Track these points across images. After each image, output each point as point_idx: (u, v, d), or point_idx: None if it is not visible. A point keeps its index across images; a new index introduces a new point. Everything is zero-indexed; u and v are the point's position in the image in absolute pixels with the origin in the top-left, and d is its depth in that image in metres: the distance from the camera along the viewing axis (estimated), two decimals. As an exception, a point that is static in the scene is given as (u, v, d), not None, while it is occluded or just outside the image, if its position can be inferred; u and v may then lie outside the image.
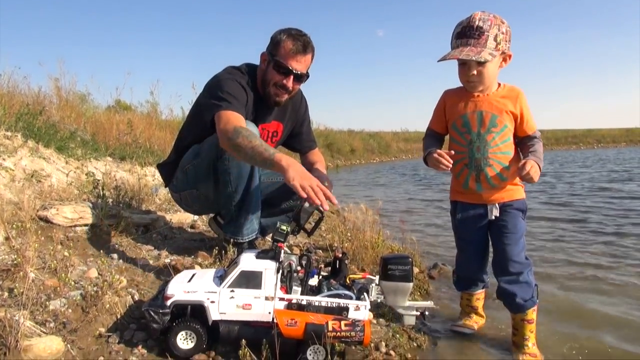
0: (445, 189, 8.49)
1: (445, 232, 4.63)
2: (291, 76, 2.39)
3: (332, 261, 1.93)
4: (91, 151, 5.26)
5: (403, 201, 7.34)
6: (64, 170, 4.07)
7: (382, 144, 24.84)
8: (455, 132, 2.10)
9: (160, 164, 2.78)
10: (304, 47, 2.37)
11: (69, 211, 2.61)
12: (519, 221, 2.07)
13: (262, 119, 2.55)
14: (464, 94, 2.09)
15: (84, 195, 3.39)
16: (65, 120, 6.41)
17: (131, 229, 2.81)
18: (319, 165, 2.55)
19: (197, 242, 3.00)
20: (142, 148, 6.19)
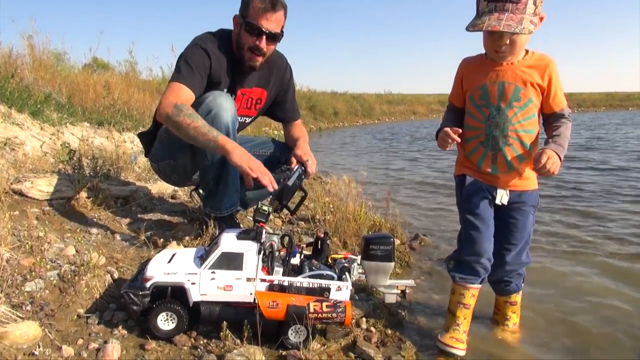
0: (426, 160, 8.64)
1: (428, 202, 4.66)
2: (263, 36, 2.30)
3: (314, 241, 1.91)
4: (67, 115, 5.10)
5: (384, 169, 7.35)
6: (39, 137, 3.94)
7: (365, 106, 24.69)
8: (472, 105, 1.86)
9: (140, 133, 2.71)
10: (272, 4, 2.28)
11: (44, 184, 2.54)
12: (529, 219, 1.89)
13: (241, 83, 2.48)
14: (484, 62, 1.84)
15: (60, 165, 3.30)
16: (40, 82, 6.16)
17: (110, 201, 2.75)
18: (303, 141, 2.50)
19: (177, 213, 2.96)
20: (120, 112, 6.03)
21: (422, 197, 4.94)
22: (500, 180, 1.84)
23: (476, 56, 1.90)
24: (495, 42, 1.72)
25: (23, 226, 2.12)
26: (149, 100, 8.22)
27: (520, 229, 1.89)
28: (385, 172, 6.88)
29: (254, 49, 2.33)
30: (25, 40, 7.21)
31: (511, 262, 1.94)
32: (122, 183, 3.14)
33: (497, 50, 1.75)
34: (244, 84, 2.48)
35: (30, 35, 7.35)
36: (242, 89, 2.48)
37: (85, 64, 13.15)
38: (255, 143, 2.71)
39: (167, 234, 2.47)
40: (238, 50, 2.38)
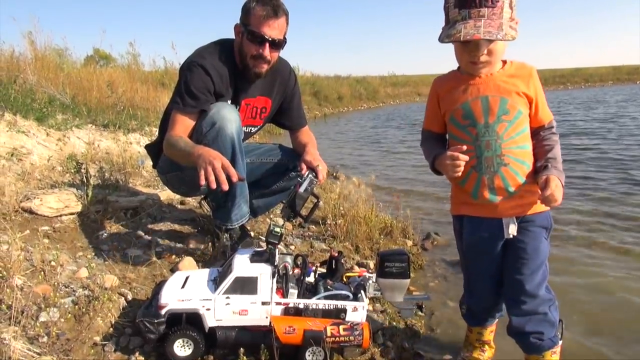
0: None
1: (438, 196, 4.62)
2: (266, 44, 2.25)
3: (328, 260, 1.89)
4: (72, 117, 5.08)
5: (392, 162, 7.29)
6: (45, 144, 3.93)
7: (369, 89, 24.49)
8: (455, 127, 1.68)
9: (148, 144, 2.68)
10: (274, 10, 2.23)
11: (53, 200, 2.52)
12: (542, 242, 1.63)
13: (245, 93, 2.43)
14: (460, 78, 1.68)
15: (67, 174, 3.29)
16: (43, 82, 6.13)
17: (119, 213, 2.73)
18: (311, 147, 2.45)
19: (188, 222, 2.94)
20: (125, 111, 5.99)
21: (430, 190, 4.90)
22: (502, 208, 1.62)
23: (448, 74, 1.76)
24: (471, 52, 1.57)
25: (35, 247, 2.11)
26: (153, 94, 8.19)
27: (531, 254, 1.63)
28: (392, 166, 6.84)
29: (258, 57, 2.27)
30: (26, 38, 7.18)
31: (527, 299, 1.64)
32: (130, 192, 3.12)
33: (475, 62, 1.59)
34: (247, 94, 2.43)
35: (30, 32, 7.32)
36: (246, 98, 2.44)
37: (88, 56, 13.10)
38: (262, 150, 2.67)
39: (178, 248, 2.46)
40: (241, 60, 2.33)
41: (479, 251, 1.70)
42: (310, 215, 2.11)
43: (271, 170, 2.64)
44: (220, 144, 2.17)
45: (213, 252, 2.37)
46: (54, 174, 3.24)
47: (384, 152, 7.81)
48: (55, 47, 8.64)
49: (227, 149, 2.20)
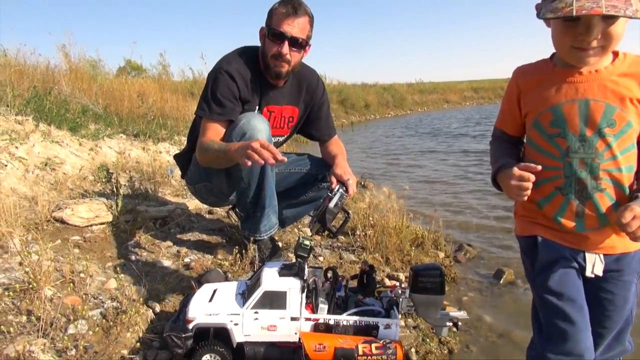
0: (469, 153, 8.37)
1: (471, 206, 4.51)
2: (285, 42, 2.22)
3: (359, 274, 1.82)
4: (104, 126, 5.17)
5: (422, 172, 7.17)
6: (77, 154, 3.99)
7: (396, 97, 24.27)
8: (538, 135, 1.33)
9: (176, 154, 2.69)
10: (294, 8, 2.21)
11: (84, 210, 2.54)
12: (631, 291, 1.33)
13: (269, 100, 2.40)
14: (552, 69, 1.32)
15: (99, 184, 3.32)
16: (77, 93, 6.28)
17: (148, 223, 2.73)
18: (341, 159, 2.39)
19: (215, 232, 2.92)
20: (155, 121, 6.07)
21: (462, 199, 4.78)
22: (590, 241, 1.30)
23: (537, 63, 1.38)
24: (579, 35, 1.20)
25: (65, 257, 2.11)
26: (182, 104, 8.30)
27: (619, 307, 1.34)
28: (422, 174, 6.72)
29: (277, 56, 2.24)
30: (61, 50, 7.40)
31: (605, 352, 1.40)
32: (159, 202, 3.13)
33: (584, 48, 1.21)
34: (272, 101, 2.40)
35: (63, 45, 7.54)
36: (270, 106, 2.40)
37: (120, 67, 13.44)
38: (291, 160, 2.63)
39: (206, 259, 2.43)
40: (263, 61, 2.31)
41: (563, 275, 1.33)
42: (340, 231, 2.08)
43: (300, 180, 2.60)
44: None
45: (241, 263, 2.34)
46: (85, 184, 3.28)
47: (413, 161, 7.69)
48: (88, 59, 8.90)
49: None
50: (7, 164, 3.11)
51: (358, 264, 2.66)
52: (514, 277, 2.80)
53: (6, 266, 1.95)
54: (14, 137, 3.50)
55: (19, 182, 3.04)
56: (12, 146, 3.38)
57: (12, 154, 3.28)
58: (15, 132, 3.61)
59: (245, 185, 2.25)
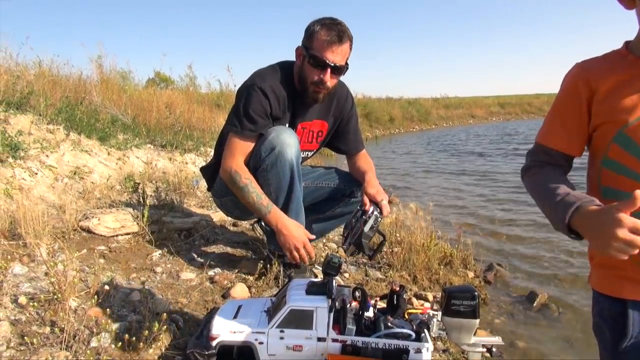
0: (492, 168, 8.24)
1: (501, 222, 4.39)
2: (328, 69, 2.18)
3: (389, 295, 1.75)
4: (132, 137, 5.23)
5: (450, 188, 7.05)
6: (106, 163, 4.03)
7: (421, 111, 24.18)
8: (626, 153, 1.03)
9: (203, 167, 2.67)
10: (339, 36, 2.15)
11: (111, 220, 2.54)
12: None
13: (302, 116, 2.38)
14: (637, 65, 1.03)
15: (125, 193, 3.34)
16: (107, 103, 6.40)
17: (173, 234, 2.72)
18: (372, 176, 2.34)
19: (240, 245, 2.89)
20: (182, 131, 6.13)
21: (491, 217, 4.66)
22: None
23: (608, 56, 1.09)
24: None
25: (91, 268, 2.11)
26: (209, 115, 8.39)
27: None
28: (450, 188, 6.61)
29: (318, 83, 2.21)
30: (94, 62, 7.59)
31: None
32: (185, 214, 3.12)
33: None
34: (304, 118, 2.37)
35: (99, 56, 7.73)
36: (303, 122, 2.38)
37: (149, 78, 13.73)
38: (318, 174, 2.59)
39: (230, 273, 2.40)
40: (300, 84, 2.27)
41: None
42: (376, 253, 2.05)
43: (327, 194, 2.55)
44: (279, 169, 2.13)
45: (265, 278, 2.29)
46: (112, 193, 3.30)
47: (440, 177, 7.58)
48: (119, 70, 9.10)
49: (286, 174, 2.15)
50: (37, 172, 3.16)
51: (384, 282, 2.59)
52: (548, 301, 2.70)
53: (32, 275, 1.94)
54: (45, 145, 3.56)
55: (48, 190, 3.08)
56: (43, 154, 3.44)
57: (43, 162, 3.33)
58: (46, 141, 3.67)
59: (273, 199, 2.22)
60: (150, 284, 2.14)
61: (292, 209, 2.24)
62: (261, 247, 2.68)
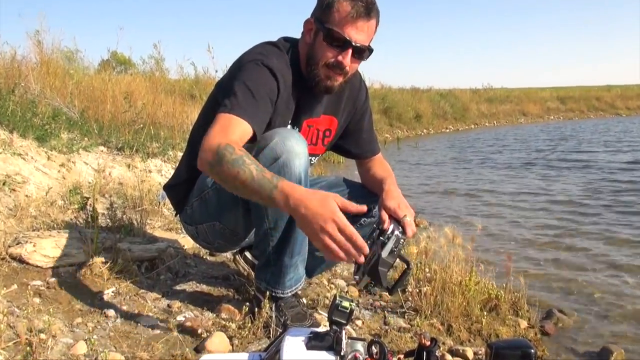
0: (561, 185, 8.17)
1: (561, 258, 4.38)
2: (349, 50, 2.11)
3: (417, 352, 1.73)
4: (80, 136, 5.25)
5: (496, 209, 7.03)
6: (45, 170, 4.04)
7: (457, 106, 24.32)
8: None
9: (168, 185, 2.62)
10: (366, 9, 2.10)
11: (50, 246, 2.54)
12: None
13: (309, 111, 2.34)
14: None
15: (70, 211, 3.33)
16: (47, 91, 6.45)
17: (132, 266, 2.71)
18: (392, 185, 2.31)
19: (219, 281, 2.89)
20: (144, 129, 6.16)
21: (550, 249, 4.66)
22: None
23: None
24: None
25: (22, 310, 2.09)
26: (180, 109, 8.44)
27: None
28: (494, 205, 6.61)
29: (335, 65, 2.16)
30: (32, 39, 7.64)
31: None
32: (147, 238, 3.12)
33: None
34: (311, 113, 2.34)
35: (37, 32, 7.80)
36: (309, 119, 2.35)
37: (102, 60, 13.84)
38: (322, 186, 2.57)
39: (206, 318, 2.38)
40: (309, 68, 2.22)
41: None
42: (398, 285, 2.02)
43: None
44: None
45: (252, 326, 2.27)
46: (53, 211, 3.30)
47: (483, 195, 7.58)
48: (64, 50, 9.17)
49: None
50: (-46, 182, 3.16)
51: (409, 333, 2.57)
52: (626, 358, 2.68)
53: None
54: (-34, 148, 3.57)
55: (-32, 206, 3.08)
56: (-38, 159, 3.45)
57: (-39, 170, 3.34)
58: (-34, 141, 3.69)
59: (269, 225, 2.18)
60: (101, 332, 2.13)
61: (296, 237, 2.20)
62: (247, 284, 2.66)
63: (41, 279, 2.44)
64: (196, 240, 2.62)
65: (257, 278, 2.37)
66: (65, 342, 1.98)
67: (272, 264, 2.27)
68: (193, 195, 2.44)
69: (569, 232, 5.25)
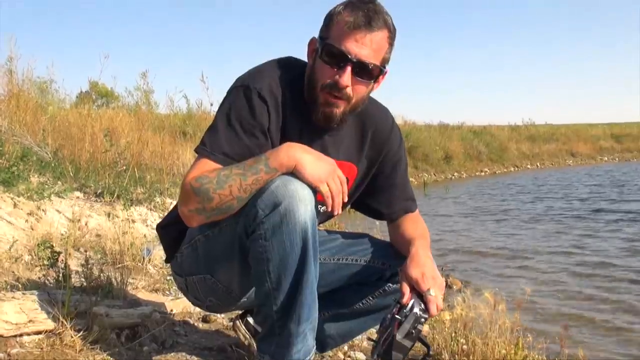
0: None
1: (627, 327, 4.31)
2: (348, 66, 2.08)
3: None
4: (52, 180, 5.28)
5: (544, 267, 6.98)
6: (10, 219, 4.06)
7: (493, 145, 24.44)
8: None
9: (161, 225, 2.61)
10: (367, 18, 2.08)
11: (12, 311, 2.50)
12: None
13: (316, 149, 2.28)
14: None
15: (38, 268, 3.32)
16: (16, 127, 6.53)
17: (109, 335, 2.66)
18: (420, 248, 2.24)
19: (213, 353, 2.84)
20: (128, 172, 6.19)
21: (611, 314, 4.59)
22: None
23: None
24: None
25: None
26: (169, 148, 8.50)
27: None
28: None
29: (332, 87, 2.14)
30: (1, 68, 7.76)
31: None
32: (128, 302, 3.09)
33: None
34: (321, 152, 2.31)
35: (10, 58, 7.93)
36: None
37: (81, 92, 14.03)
38: (340, 244, 2.53)
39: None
40: (309, 92, 2.22)
41: None
42: None
43: (355, 278, 2.49)
44: (284, 237, 2.02)
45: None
46: (18, 268, 3.28)
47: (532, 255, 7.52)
48: (37, 80, 9.32)
49: (295, 246, 2.06)
50: None
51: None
52: None
53: None
54: None
55: None
56: None
57: None
58: None
59: (272, 283, 2.13)
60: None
61: (304, 299, 2.16)
62: (247, 357, 2.63)
63: (1, 350, 2.40)
64: (186, 295, 2.58)
65: (259, 351, 2.32)
66: None
67: (276, 333, 2.22)
68: (185, 240, 2.42)
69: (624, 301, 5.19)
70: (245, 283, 2.34)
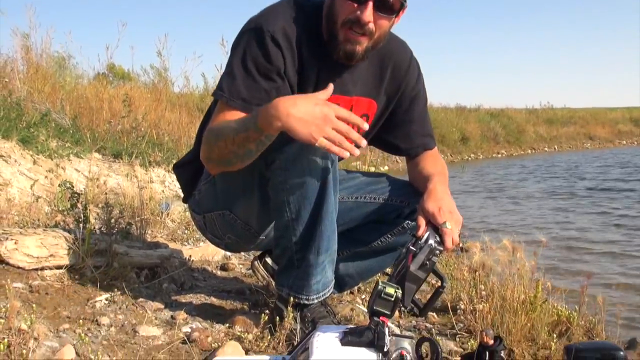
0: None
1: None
2: (369, 1, 2.05)
3: (476, 352, 1.68)
4: (71, 144, 5.31)
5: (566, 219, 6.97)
6: (30, 175, 4.08)
7: (511, 128, 24.28)
8: None
9: (177, 164, 2.64)
10: None
11: (34, 245, 2.53)
12: None
13: (334, 86, 2.25)
14: None
15: (59, 216, 3.34)
16: (35, 96, 6.56)
17: (130, 273, 2.71)
18: (438, 183, 2.23)
19: (232, 295, 2.86)
20: (146, 138, 6.22)
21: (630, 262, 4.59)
22: None
23: None
24: None
25: (0, 310, 2.07)
26: (187, 122, 8.49)
27: None
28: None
29: (353, 22, 2.11)
30: (18, 39, 7.80)
31: None
32: (147, 245, 3.11)
33: None
34: (339, 90, 2.28)
35: (25, 34, 7.96)
36: (335, 95, 2.29)
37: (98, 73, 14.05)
38: (359, 182, 2.53)
39: (217, 330, 2.34)
40: (328, 29, 2.18)
41: None
42: (429, 305, 2.04)
43: (373, 215, 2.50)
44: (304, 168, 2.05)
45: (272, 338, 2.22)
46: (39, 214, 3.31)
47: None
48: (54, 55, 9.32)
49: (315, 177, 2.06)
50: None
51: (458, 356, 2.49)
52: None
53: None
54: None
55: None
56: None
57: None
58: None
59: (291, 215, 2.14)
60: (92, 339, 2.09)
61: (323, 231, 2.16)
62: (266, 296, 2.65)
63: (23, 282, 2.44)
64: (204, 233, 2.61)
65: (278, 284, 2.33)
66: (49, 346, 1.96)
67: (295, 266, 2.23)
68: (202, 178, 2.43)
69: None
70: (264, 218, 2.35)
